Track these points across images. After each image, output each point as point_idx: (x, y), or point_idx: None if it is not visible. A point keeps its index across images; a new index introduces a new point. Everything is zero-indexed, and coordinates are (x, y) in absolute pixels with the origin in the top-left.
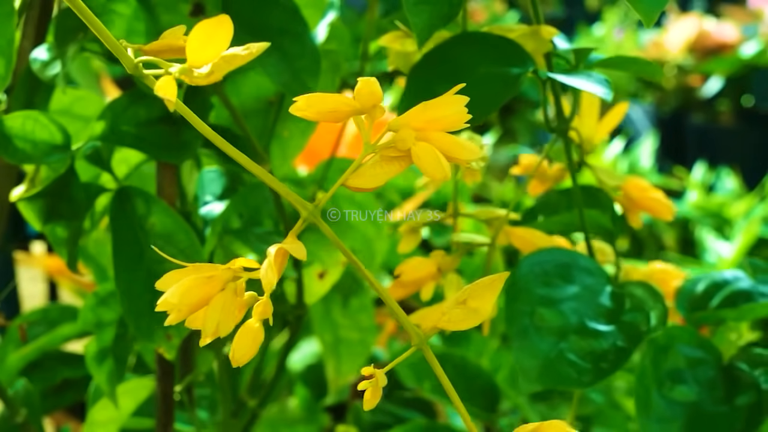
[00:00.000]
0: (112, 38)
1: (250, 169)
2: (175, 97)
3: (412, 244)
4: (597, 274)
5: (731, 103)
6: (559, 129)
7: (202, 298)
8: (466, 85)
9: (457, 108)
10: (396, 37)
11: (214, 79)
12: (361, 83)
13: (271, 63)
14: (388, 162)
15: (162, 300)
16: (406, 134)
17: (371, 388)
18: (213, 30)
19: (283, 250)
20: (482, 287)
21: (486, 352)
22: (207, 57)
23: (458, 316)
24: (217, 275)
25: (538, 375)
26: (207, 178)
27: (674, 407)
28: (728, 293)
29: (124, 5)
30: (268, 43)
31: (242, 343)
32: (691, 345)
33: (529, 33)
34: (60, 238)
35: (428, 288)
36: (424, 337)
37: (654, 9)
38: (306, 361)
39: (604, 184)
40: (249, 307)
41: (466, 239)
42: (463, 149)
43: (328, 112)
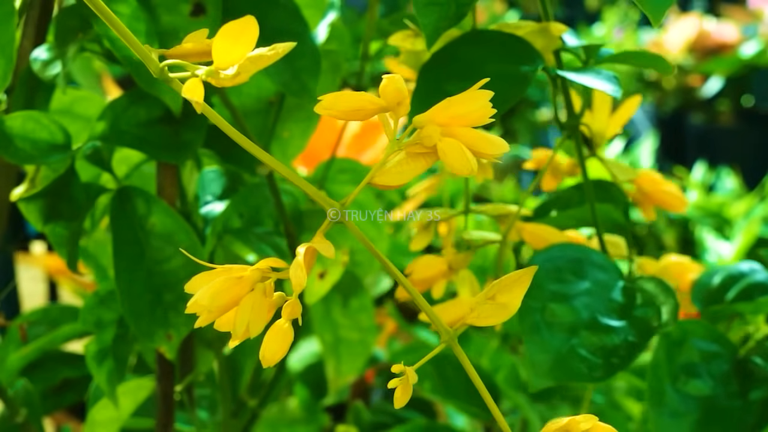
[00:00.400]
0: (138, 43)
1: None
2: (202, 99)
3: (424, 242)
4: (609, 269)
5: (731, 103)
6: (569, 125)
7: (232, 299)
8: (476, 83)
9: (481, 103)
10: (405, 36)
11: (240, 80)
12: (387, 81)
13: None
14: (413, 159)
15: (192, 301)
16: (431, 130)
17: (402, 385)
18: (239, 31)
19: (312, 249)
20: (510, 282)
21: (486, 352)
22: (233, 58)
23: (487, 312)
24: (247, 276)
25: (549, 370)
26: (207, 178)
27: (688, 401)
28: (744, 286)
29: (124, 5)
30: (294, 43)
31: (273, 344)
32: (705, 339)
33: (537, 30)
34: (60, 238)
35: (439, 286)
36: (454, 334)
37: (661, 8)
38: (306, 361)
39: (617, 178)
40: (277, 308)
41: (478, 236)
42: (489, 143)
43: (353, 111)
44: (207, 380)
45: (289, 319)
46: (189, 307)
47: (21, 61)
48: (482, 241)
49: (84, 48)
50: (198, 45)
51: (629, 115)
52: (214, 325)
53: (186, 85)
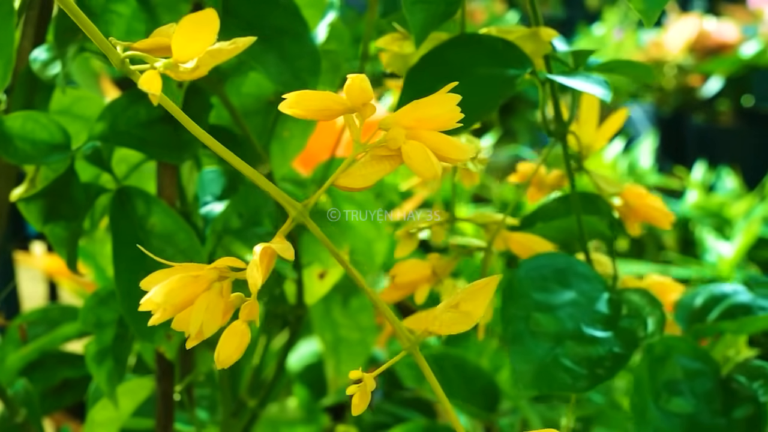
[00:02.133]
0: (100, 35)
1: (239, 167)
2: (159, 92)
3: (408, 249)
4: (594, 280)
5: (731, 103)
6: (557, 132)
7: (188, 297)
8: (463, 86)
9: (449, 107)
10: (394, 39)
11: (199, 73)
12: (351, 80)
13: (271, 63)
14: (378, 161)
15: (146, 299)
16: (396, 133)
17: (360, 392)
18: (199, 24)
19: (270, 250)
20: (474, 291)
21: (486, 352)
22: (193, 52)
23: (450, 320)
24: (203, 275)
25: (533, 379)
26: (207, 178)
27: (671, 419)
28: (727, 306)
29: (124, 5)
30: (254, 38)
31: (228, 344)
32: (689, 356)
33: (528, 35)
34: (60, 238)
35: (422, 290)
36: (415, 341)
37: (654, 9)
38: (306, 361)
39: (603, 191)
40: (236, 308)
41: (462, 242)
42: (454, 148)
43: (318, 110)
44: (207, 380)
45: (246, 320)
46: (143, 304)
47: (20, 61)
48: (468, 248)
49: (83, 48)
50: (163, 39)
51: (617, 127)
52: (171, 324)
53: (143, 77)
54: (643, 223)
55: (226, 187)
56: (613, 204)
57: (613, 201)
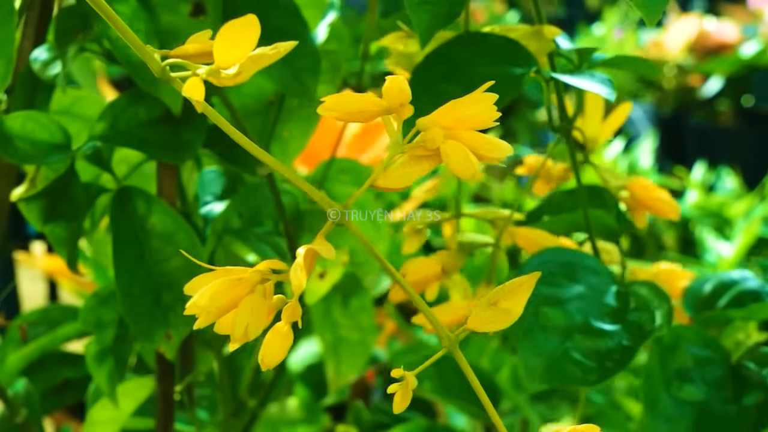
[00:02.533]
0: (140, 43)
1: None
2: (203, 98)
3: (415, 245)
4: (602, 273)
5: (731, 103)
6: (562, 129)
7: (231, 300)
8: (470, 85)
9: (485, 106)
10: (398, 37)
11: (241, 79)
12: (390, 81)
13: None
14: (416, 161)
15: (191, 303)
16: (435, 133)
17: (402, 390)
18: (240, 30)
19: (312, 251)
20: (513, 288)
21: (486, 352)
22: (234, 58)
23: (490, 318)
24: (246, 278)
25: (543, 374)
26: (207, 178)
27: (682, 407)
28: (736, 293)
29: (124, 5)
30: (294, 42)
31: (272, 346)
32: (698, 344)
33: (531, 33)
34: (60, 238)
35: (432, 288)
36: (455, 339)
37: (656, 9)
38: (306, 361)
39: (609, 184)
40: (277, 310)
41: (470, 239)
42: (492, 147)
43: (356, 112)
44: (207, 380)
45: (289, 321)
46: (188, 308)
47: (21, 61)
48: (476, 244)
49: (84, 48)
50: (200, 45)
51: (621, 120)
52: (214, 327)
53: (186, 84)
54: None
55: (226, 187)
56: (620, 196)
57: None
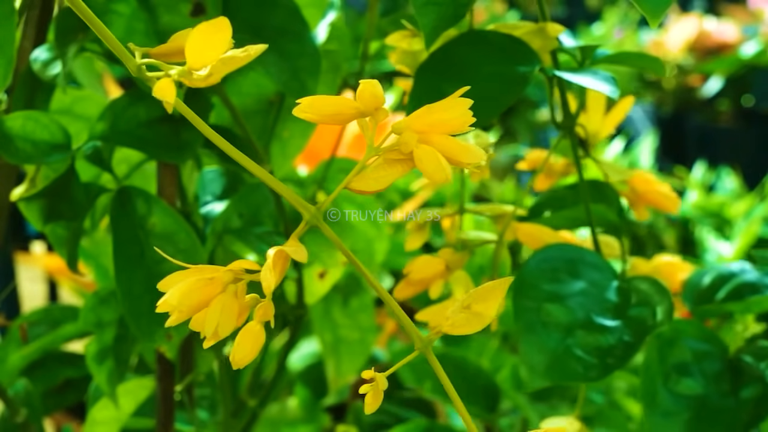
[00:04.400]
0: (115, 40)
1: (252, 170)
2: (174, 99)
3: (418, 242)
4: (603, 269)
5: (731, 103)
6: (565, 125)
7: (203, 299)
8: (473, 84)
9: (461, 111)
10: (402, 36)
11: (212, 81)
12: (363, 85)
13: (272, 63)
14: (391, 165)
15: (162, 301)
16: (408, 137)
17: (372, 391)
18: (212, 32)
19: (283, 253)
20: (486, 292)
21: (486, 352)
22: (206, 59)
23: (462, 321)
24: (218, 277)
25: (546, 370)
26: (207, 178)
27: (680, 401)
28: (734, 286)
29: (124, 5)
30: (266, 45)
31: (243, 345)
32: (696, 338)
33: (534, 31)
34: (60, 238)
35: (437, 286)
36: (427, 341)
37: (660, 9)
38: (306, 361)
39: (610, 178)
40: (251, 310)
41: (473, 236)
42: (465, 152)
43: (330, 115)
44: (207, 380)
45: (261, 321)
46: (159, 306)
47: (21, 61)
48: (478, 241)
49: (84, 48)
50: (180, 44)
51: (622, 115)
52: (188, 325)
53: (157, 85)
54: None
55: (226, 186)
56: (621, 191)
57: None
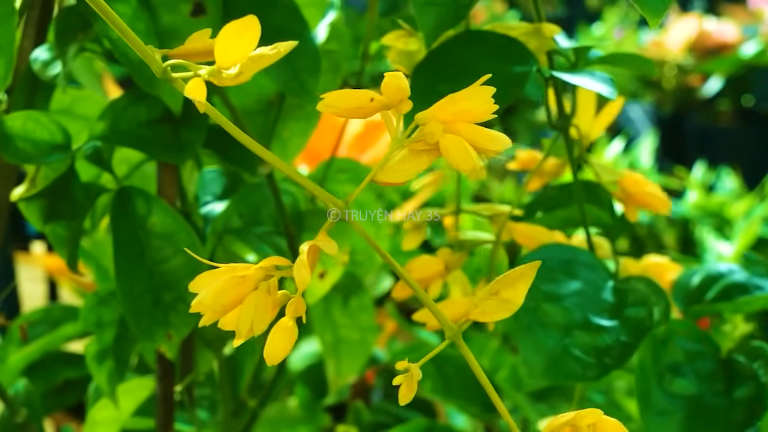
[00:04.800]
0: (141, 43)
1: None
2: (205, 98)
3: (416, 241)
4: (598, 269)
5: (731, 103)
6: (560, 126)
7: (236, 298)
8: (469, 84)
9: (483, 99)
10: (399, 36)
11: (242, 79)
12: (389, 78)
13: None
14: (416, 156)
15: (196, 301)
16: (434, 127)
17: (407, 382)
18: (241, 31)
19: (315, 247)
20: (514, 278)
21: (486, 352)
22: (235, 58)
23: (491, 307)
24: (250, 275)
25: (544, 370)
26: (207, 177)
27: (674, 400)
28: (723, 286)
29: (124, 5)
30: (295, 42)
31: (277, 342)
32: (689, 338)
33: (531, 31)
34: (60, 238)
35: (436, 286)
36: (458, 330)
37: (659, 9)
38: (306, 361)
39: (602, 179)
40: (281, 306)
41: (471, 237)
42: (491, 140)
43: (355, 108)
44: (207, 380)
45: (293, 317)
46: (193, 306)
47: (21, 61)
48: (476, 241)
49: (84, 48)
50: (200, 45)
51: (612, 116)
52: (218, 324)
53: (189, 85)
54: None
55: (226, 186)
56: (612, 191)
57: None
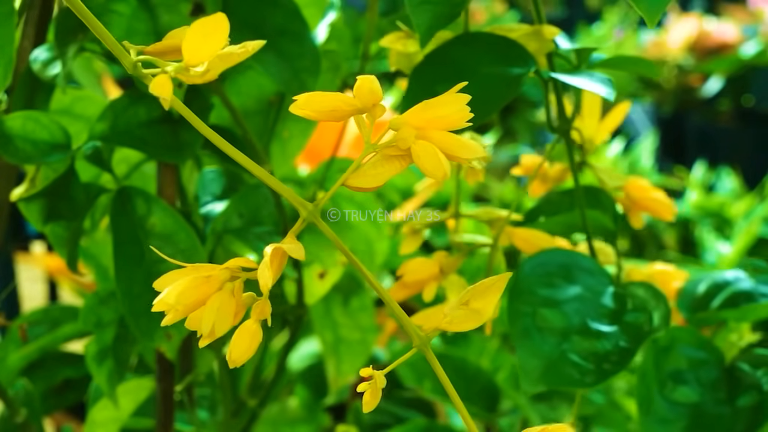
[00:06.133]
0: (112, 38)
1: (250, 168)
2: (170, 96)
3: (413, 245)
4: (599, 274)
5: (731, 103)
6: (561, 129)
7: (200, 298)
8: (468, 85)
9: (458, 107)
10: (398, 37)
11: (209, 77)
12: (361, 81)
13: (272, 62)
14: (388, 161)
15: (159, 300)
16: (406, 133)
17: (370, 389)
18: (209, 28)
19: (280, 250)
20: (484, 288)
21: (486, 353)
22: (203, 55)
23: (460, 318)
24: (215, 275)
25: (541, 376)
26: (207, 178)
27: (676, 408)
28: (729, 294)
29: (124, 5)
30: (263, 41)
31: (240, 344)
32: (692, 346)
33: (531, 33)
34: (60, 238)
35: (430, 288)
36: (426, 339)
37: (656, 9)
38: (306, 361)
39: (605, 185)
40: (248, 308)
41: (467, 240)
42: (463, 148)
43: (328, 111)
44: (207, 380)
45: (258, 319)
46: (156, 304)
47: (21, 61)
48: (473, 245)
49: (84, 48)
50: (177, 42)
51: (619, 120)
52: (185, 324)
53: (154, 81)
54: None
55: (226, 186)
56: (616, 197)
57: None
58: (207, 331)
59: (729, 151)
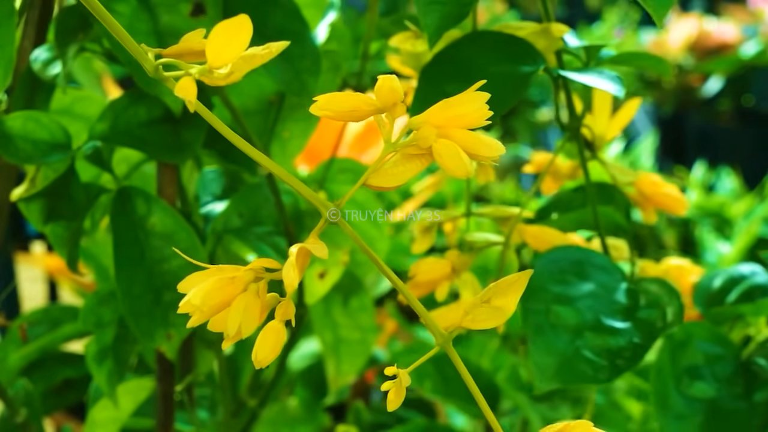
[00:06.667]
0: (133, 42)
1: (269, 167)
2: (195, 98)
3: (426, 245)
4: (612, 271)
5: (731, 102)
6: (571, 126)
7: (225, 299)
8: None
9: (477, 105)
10: (406, 37)
11: (233, 79)
12: (382, 81)
13: (272, 63)
14: (409, 160)
15: (184, 301)
16: (427, 131)
17: (395, 388)
18: (233, 30)
19: (305, 250)
20: (506, 286)
21: (486, 353)
22: (227, 57)
23: (482, 315)
24: (240, 276)
25: (555, 373)
26: (207, 178)
27: (692, 404)
28: (745, 288)
29: (124, 5)
30: (287, 42)
31: (266, 344)
32: (708, 341)
33: (539, 31)
34: (60, 238)
35: (443, 288)
36: (449, 337)
37: (664, 7)
38: (306, 361)
39: (617, 181)
40: (270, 308)
41: (480, 238)
42: (484, 145)
43: (348, 112)
44: (207, 380)
45: (283, 319)
46: (181, 306)
47: (21, 61)
48: (485, 243)
49: (84, 48)
50: (194, 44)
51: (629, 117)
52: (208, 325)
53: (179, 84)
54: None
55: (226, 186)
56: (628, 193)
57: (628, 190)
58: (233, 332)
59: (729, 151)
